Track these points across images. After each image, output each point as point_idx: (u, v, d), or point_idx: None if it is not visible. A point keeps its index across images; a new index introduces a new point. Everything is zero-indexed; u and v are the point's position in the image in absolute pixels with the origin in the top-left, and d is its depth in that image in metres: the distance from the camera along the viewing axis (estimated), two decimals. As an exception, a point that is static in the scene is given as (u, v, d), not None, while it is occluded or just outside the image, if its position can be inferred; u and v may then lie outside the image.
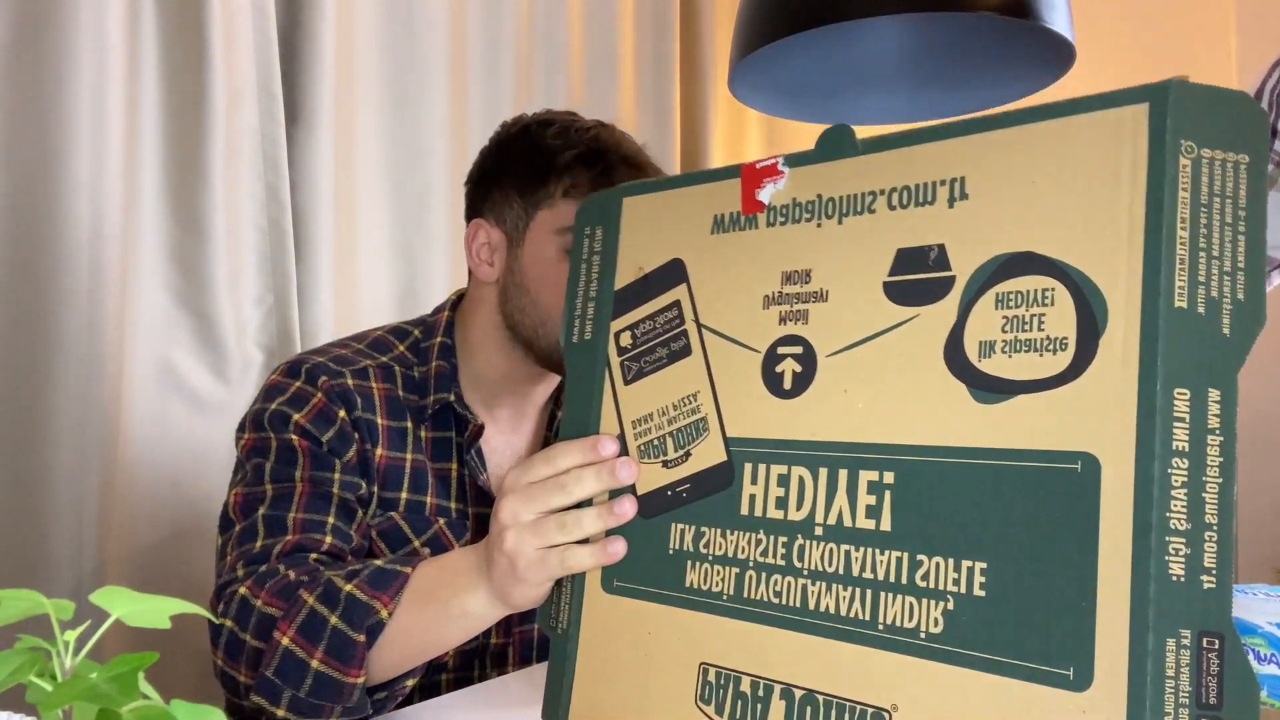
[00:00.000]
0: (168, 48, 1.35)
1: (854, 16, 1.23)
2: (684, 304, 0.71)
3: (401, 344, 1.08)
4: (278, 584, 0.84)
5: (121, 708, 0.37)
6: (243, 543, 0.91)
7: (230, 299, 1.40)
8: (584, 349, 0.76)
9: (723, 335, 0.69)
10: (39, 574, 1.19)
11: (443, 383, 1.04)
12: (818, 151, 0.65)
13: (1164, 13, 2.10)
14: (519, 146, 1.07)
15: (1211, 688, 0.45)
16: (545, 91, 1.97)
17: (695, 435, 0.69)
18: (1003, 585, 0.52)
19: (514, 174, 1.06)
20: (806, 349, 0.63)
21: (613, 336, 0.74)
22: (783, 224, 0.66)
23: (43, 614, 0.42)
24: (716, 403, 0.68)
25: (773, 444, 0.64)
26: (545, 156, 1.04)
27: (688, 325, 0.70)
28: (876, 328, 0.60)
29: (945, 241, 0.57)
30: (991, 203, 0.56)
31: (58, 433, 1.21)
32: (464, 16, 1.80)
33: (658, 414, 0.71)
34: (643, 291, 0.73)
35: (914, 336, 0.58)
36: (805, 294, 0.64)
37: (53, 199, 1.21)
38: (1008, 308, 0.54)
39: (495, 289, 1.07)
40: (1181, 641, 0.45)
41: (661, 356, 0.71)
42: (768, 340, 0.65)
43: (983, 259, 0.56)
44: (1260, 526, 1.87)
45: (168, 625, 0.43)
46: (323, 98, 1.51)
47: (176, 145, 1.36)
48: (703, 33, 2.40)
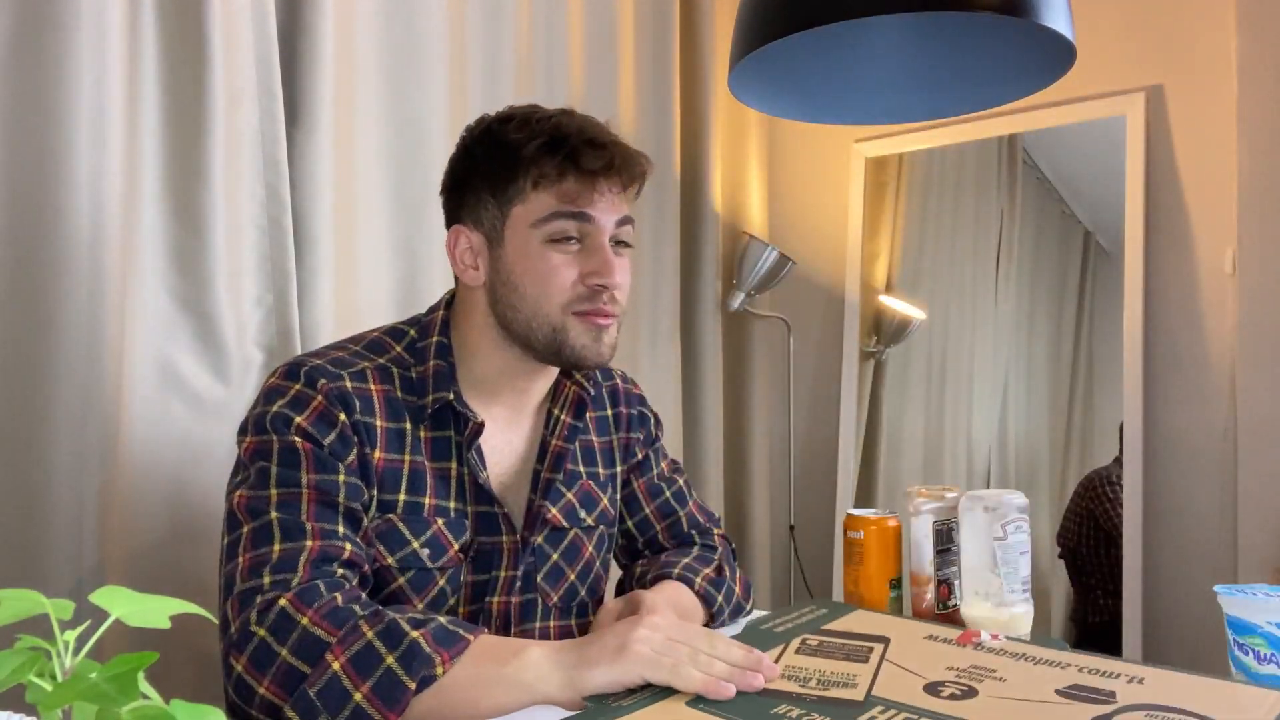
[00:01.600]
0: (168, 48, 1.35)
1: (854, 16, 1.23)
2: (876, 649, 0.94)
3: (398, 345, 1.08)
4: (327, 605, 0.85)
5: (121, 708, 0.37)
6: (256, 546, 0.91)
7: (230, 299, 1.40)
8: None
9: (899, 665, 0.90)
10: (39, 574, 1.19)
11: (441, 382, 1.04)
12: None
13: (1164, 12, 2.10)
14: (484, 147, 1.07)
15: None
16: (545, 91, 1.97)
17: (841, 684, 0.85)
18: None
19: (483, 174, 1.06)
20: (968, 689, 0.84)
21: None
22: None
23: (43, 614, 0.42)
24: (873, 681, 0.86)
25: (910, 708, 0.79)
26: (510, 152, 1.04)
27: (873, 651, 0.93)
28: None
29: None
30: None
31: (58, 432, 1.21)
32: (464, 17, 1.80)
33: (815, 670, 0.89)
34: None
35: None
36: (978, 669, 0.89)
37: (53, 199, 1.21)
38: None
39: (484, 292, 1.07)
40: None
41: (837, 653, 0.93)
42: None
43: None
44: (1260, 526, 1.87)
45: (168, 625, 0.43)
46: (323, 98, 1.51)
47: (176, 145, 1.36)
48: (703, 33, 2.40)
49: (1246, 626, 0.86)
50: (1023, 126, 2.25)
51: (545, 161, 1.03)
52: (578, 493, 1.13)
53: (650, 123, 2.23)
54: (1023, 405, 2.31)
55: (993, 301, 2.35)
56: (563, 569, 1.11)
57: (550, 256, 1.03)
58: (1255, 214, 1.91)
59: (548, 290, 1.03)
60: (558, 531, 1.11)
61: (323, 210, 1.52)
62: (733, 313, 2.45)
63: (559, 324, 1.03)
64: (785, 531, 2.54)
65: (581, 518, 1.13)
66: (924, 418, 2.46)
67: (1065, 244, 2.28)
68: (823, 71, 1.51)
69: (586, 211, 1.03)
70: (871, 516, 1.12)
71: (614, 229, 1.06)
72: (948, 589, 1.12)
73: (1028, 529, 1.04)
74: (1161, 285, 2.08)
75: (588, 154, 1.03)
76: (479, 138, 1.08)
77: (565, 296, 1.03)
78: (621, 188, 1.07)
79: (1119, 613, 2.04)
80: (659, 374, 2.25)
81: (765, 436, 2.57)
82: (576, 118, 1.08)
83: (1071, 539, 2.19)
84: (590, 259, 1.03)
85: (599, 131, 1.06)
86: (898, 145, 2.46)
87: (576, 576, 1.13)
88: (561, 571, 1.11)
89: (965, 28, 1.43)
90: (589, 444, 1.18)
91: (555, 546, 1.11)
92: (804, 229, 2.62)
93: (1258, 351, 1.88)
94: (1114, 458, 2.19)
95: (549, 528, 1.10)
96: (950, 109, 1.56)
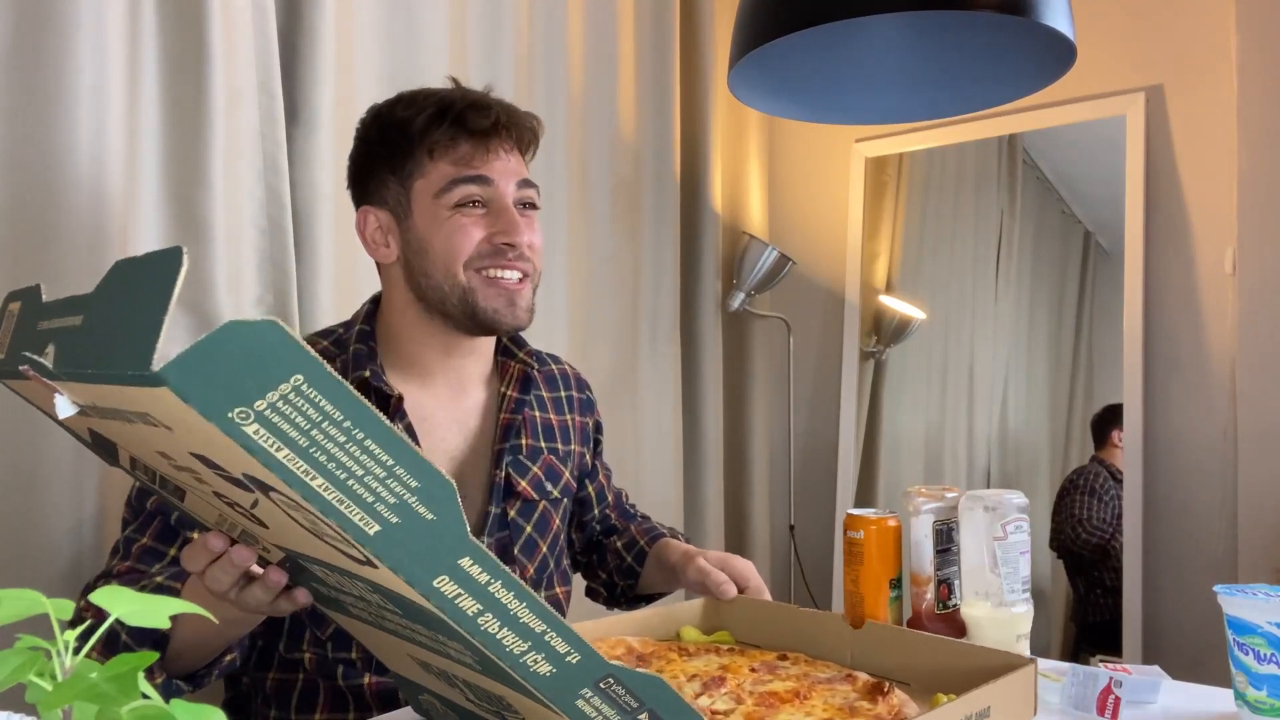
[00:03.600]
0: (168, 48, 1.35)
1: (854, 15, 1.23)
2: None
3: (325, 340, 1.13)
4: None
5: (121, 707, 0.37)
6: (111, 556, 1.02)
7: (230, 299, 1.40)
8: None
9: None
10: (39, 573, 1.19)
11: (359, 362, 1.08)
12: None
13: (1164, 12, 2.10)
14: (377, 130, 1.12)
15: (628, 703, 0.61)
16: (545, 91, 1.97)
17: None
18: None
19: (380, 157, 1.11)
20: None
21: None
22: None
23: (42, 614, 0.42)
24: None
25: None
26: (402, 129, 1.09)
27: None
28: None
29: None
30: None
31: (58, 432, 1.21)
32: (464, 17, 1.80)
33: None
34: None
35: None
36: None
37: (53, 198, 1.21)
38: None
39: (399, 268, 1.12)
40: (589, 696, 0.60)
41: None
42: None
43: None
44: (1260, 526, 1.87)
45: (167, 625, 0.43)
46: (323, 98, 1.51)
47: (176, 145, 1.35)
48: (703, 33, 2.40)
49: (1246, 626, 0.86)
50: (1023, 126, 2.25)
51: (435, 129, 1.08)
52: (542, 466, 1.19)
53: (650, 123, 2.23)
54: (1023, 405, 2.30)
55: (993, 301, 2.35)
56: (536, 541, 1.17)
57: (458, 219, 1.08)
58: (1255, 214, 1.91)
59: (455, 249, 1.07)
60: (529, 504, 1.16)
61: (323, 210, 1.52)
62: (733, 313, 2.45)
63: (467, 285, 1.08)
64: (785, 531, 2.54)
65: (549, 490, 1.19)
66: (924, 418, 2.46)
67: (1065, 244, 2.28)
68: (823, 71, 1.51)
69: (484, 174, 1.08)
70: (871, 516, 1.12)
71: (516, 192, 1.11)
72: (948, 589, 1.12)
73: (1028, 529, 1.04)
74: (1161, 285, 2.08)
75: (473, 115, 1.08)
76: (371, 123, 1.14)
77: (471, 253, 1.07)
78: (516, 148, 1.12)
79: (1119, 613, 2.04)
80: (659, 374, 2.25)
81: (765, 436, 2.57)
82: (461, 88, 1.14)
83: (1055, 540, 2.20)
84: (497, 220, 1.08)
85: (482, 96, 1.12)
86: (898, 145, 2.46)
87: (548, 548, 1.19)
88: (535, 544, 1.16)
89: (965, 27, 1.43)
90: (548, 421, 1.24)
91: (528, 519, 1.16)
92: (804, 229, 2.62)
93: (1258, 351, 1.88)
94: (1091, 455, 2.19)
95: (520, 500, 1.15)
96: (950, 109, 1.56)
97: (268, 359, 0.44)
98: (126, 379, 0.47)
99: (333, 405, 0.46)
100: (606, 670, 0.59)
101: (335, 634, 1.05)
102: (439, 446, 1.13)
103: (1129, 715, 0.91)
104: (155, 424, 0.51)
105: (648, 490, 2.18)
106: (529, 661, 0.57)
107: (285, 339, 0.44)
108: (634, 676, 0.60)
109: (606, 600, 1.36)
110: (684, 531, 2.24)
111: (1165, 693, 0.96)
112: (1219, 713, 0.93)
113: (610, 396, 2.07)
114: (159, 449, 0.58)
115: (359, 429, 0.46)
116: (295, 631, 1.06)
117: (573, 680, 0.59)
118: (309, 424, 0.45)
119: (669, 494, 2.25)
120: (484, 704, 0.73)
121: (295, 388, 0.44)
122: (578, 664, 0.58)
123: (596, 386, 1.42)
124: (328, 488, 0.47)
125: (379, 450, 0.47)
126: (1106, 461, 2.16)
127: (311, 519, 0.51)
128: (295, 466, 0.46)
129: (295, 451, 0.46)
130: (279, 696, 1.07)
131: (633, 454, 2.17)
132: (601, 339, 2.11)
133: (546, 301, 1.96)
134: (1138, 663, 1.28)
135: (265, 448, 0.45)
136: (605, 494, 1.36)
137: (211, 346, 0.43)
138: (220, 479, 0.55)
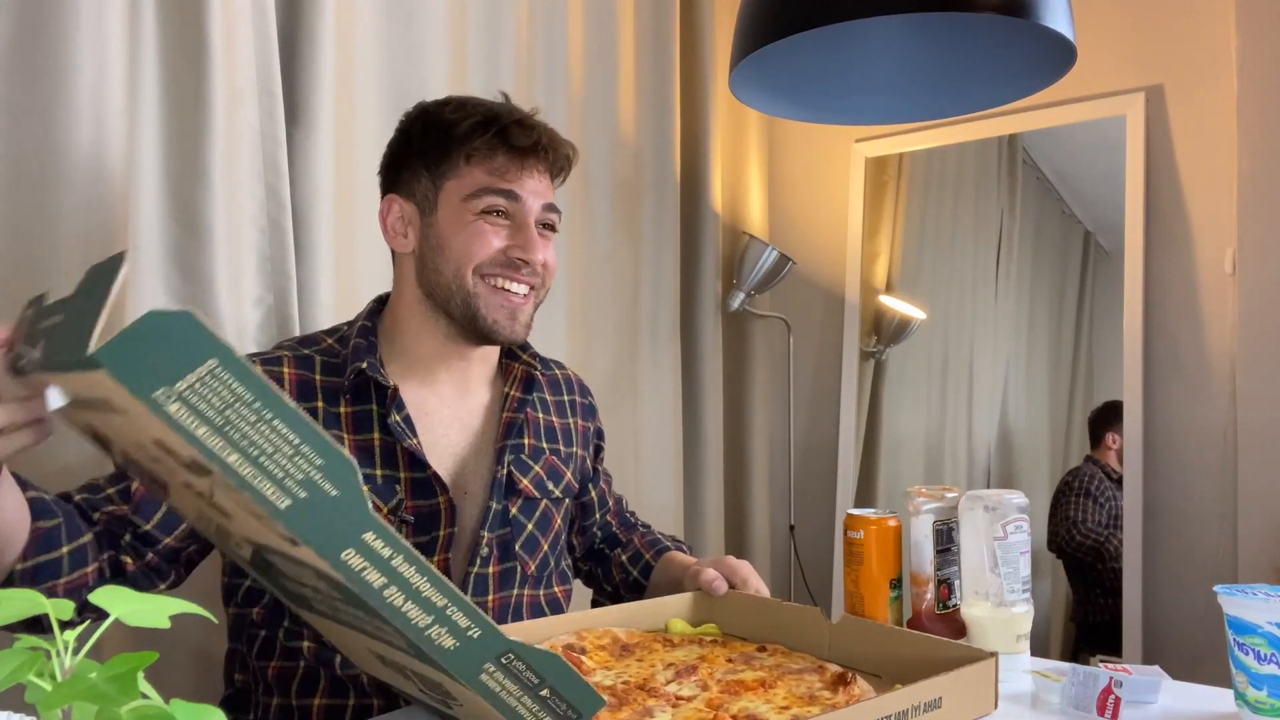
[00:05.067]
0: (168, 48, 1.35)
1: (854, 16, 1.23)
2: None
3: (330, 338, 1.16)
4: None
5: (121, 708, 0.37)
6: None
7: (230, 299, 1.40)
8: None
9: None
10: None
11: (358, 355, 1.10)
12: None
13: (1164, 12, 2.10)
14: (420, 127, 1.16)
15: (529, 678, 0.63)
16: (545, 91, 1.97)
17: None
18: None
19: (418, 151, 1.14)
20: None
21: None
22: None
23: (42, 614, 0.42)
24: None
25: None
26: (445, 130, 1.13)
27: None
28: None
29: None
30: None
31: (58, 433, 1.21)
32: (464, 16, 1.80)
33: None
34: None
35: None
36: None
37: (53, 198, 1.21)
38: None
39: (413, 260, 1.15)
40: (492, 670, 0.63)
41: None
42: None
43: None
44: (1260, 526, 1.87)
45: (167, 625, 0.43)
46: (323, 98, 1.51)
47: (176, 145, 1.35)
48: (703, 33, 2.40)
49: (1246, 626, 0.86)
50: (1023, 126, 2.25)
51: (477, 137, 1.11)
52: (544, 466, 1.21)
53: (650, 123, 2.23)
54: (1023, 405, 2.30)
55: (993, 301, 2.35)
56: (538, 539, 1.18)
57: (481, 224, 1.11)
58: (1255, 214, 1.91)
59: (471, 251, 1.10)
60: (530, 502, 1.18)
61: (323, 210, 1.52)
62: (733, 313, 2.45)
63: (472, 290, 1.11)
64: (785, 532, 2.54)
65: (550, 489, 1.21)
66: (924, 418, 2.46)
67: (1065, 244, 2.28)
68: (823, 72, 1.51)
69: (514, 190, 1.11)
70: (871, 516, 1.12)
71: (540, 212, 1.14)
72: (948, 589, 1.12)
73: (1028, 529, 1.04)
74: (1161, 285, 2.08)
75: (517, 132, 1.12)
76: (416, 119, 1.17)
77: (485, 259, 1.10)
78: (548, 171, 1.16)
79: (1119, 612, 2.04)
80: (659, 374, 2.25)
81: (765, 436, 2.57)
82: (510, 105, 1.17)
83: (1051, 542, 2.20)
84: (517, 234, 1.12)
85: (527, 116, 1.15)
86: (898, 145, 2.46)
87: (549, 547, 1.20)
88: (537, 541, 1.18)
89: (965, 28, 1.43)
90: (550, 423, 1.26)
91: (529, 517, 1.18)
92: (804, 229, 2.62)
93: (1258, 351, 1.88)
94: (1085, 456, 2.19)
95: (522, 498, 1.17)
96: (950, 109, 1.56)
97: (184, 344, 0.50)
98: (75, 365, 0.53)
99: (244, 387, 0.51)
100: (507, 646, 0.62)
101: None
102: (441, 443, 1.14)
103: (1129, 715, 0.91)
104: (117, 410, 0.55)
105: (647, 490, 2.18)
106: (433, 635, 0.60)
107: (198, 327, 0.50)
108: (533, 653, 0.63)
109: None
110: (684, 536, 2.24)
111: (1165, 693, 0.96)
112: (1219, 713, 0.93)
113: (610, 396, 2.07)
114: (134, 438, 0.61)
115: (268, 409, 0.52)
116: (296, 620, 1.07)
117: (475, 655, 0.61)
118: (223, 404, 0.51)
119: (669, 494, 2.25)
120: (432, 694, 0.75)
121: (210, 371, 0.50)
122: (479, 639, 0.61)
123: (596, 386, 1.43)
124: (242, 463, 0.52)
125: (286, 430, 0.52)
126: (1101, 462, 2.16)
127: (243, 500, 0.55)
128: (212, 443, 0.51)
129: (211, 429, 0.51)
130: (280, 684, 1.09)
131: (633, 454, 2.17)
132: (601, 339, 2.11)
133: (547, 301, 1.95)
134: (1138, 663, 1.28)
135: (186, 426, 0.50)
136: (606, 500, 1.37)
137: (134, 333, 0.49)
138: (179, 467, 0.58)
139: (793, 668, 0.94)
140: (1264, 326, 1.88)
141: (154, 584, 1.04)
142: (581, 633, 1.03)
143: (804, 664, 0.96)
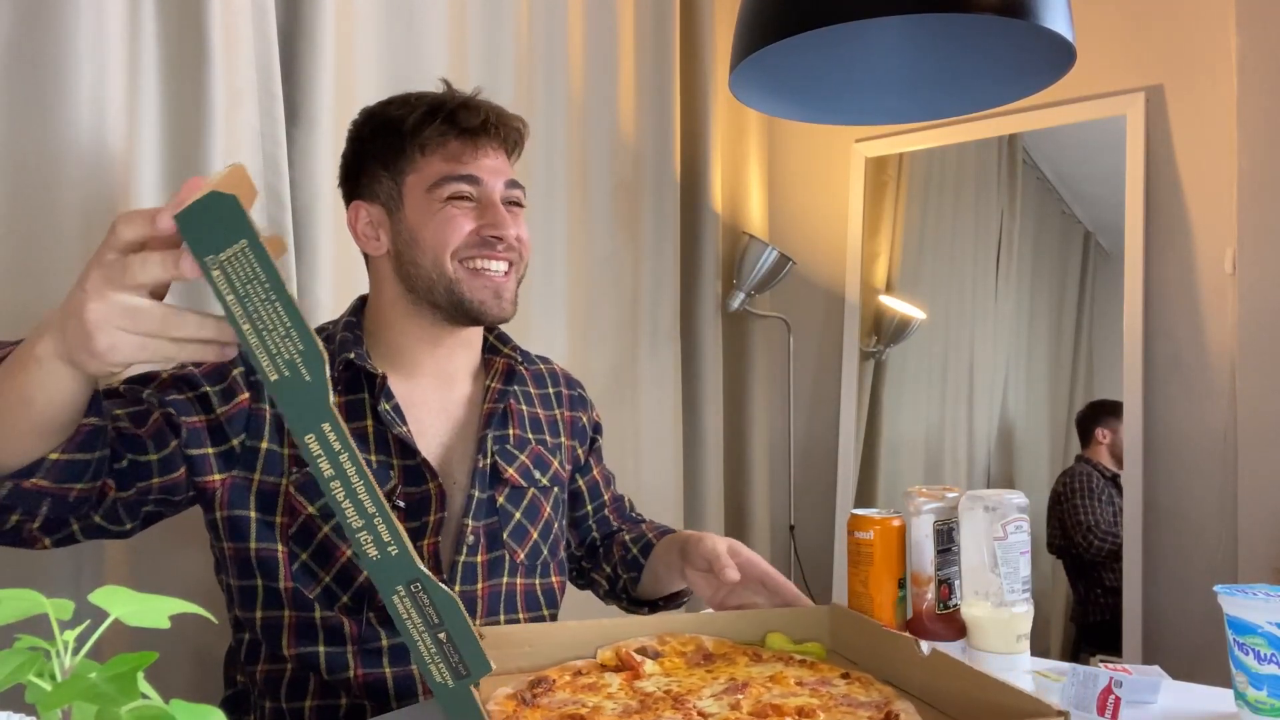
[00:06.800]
0: (168, 48, 1.35)
1: (854, 17, 1.23)
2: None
3: (318, 335, 1.15)
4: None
5: (121, 708, 0.37)
6: None
7: (230, 299, 1.40)
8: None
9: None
10: (38, 574, 1.19)
11: (345, 346, 1.12)
12: None
13: (1164, 12, 2.10)
14: (369, 129, 1.18)
15: (431, 615, 0.65)
16: (545, 91, 1.97)
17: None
18: None
19: (373, 154, 1.16)
20: None
21: None
22: None
23: (42, 614, 0.42)
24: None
25: None
26: (394, 126, 1.15)
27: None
28: None
29: None
30: None
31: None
32: (464, 17, 1.80)
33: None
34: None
35: None
36: None
37: (53, 198, 1.21)
38: None
39: (389, 260, 1.16)
40: (402, 595, 0.65)
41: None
42: None
43: None
44: (1260, 526, 1.87)
45: (167, 625, 0.43)
46: (323, 98, 1.51)
47: (176, 145, 1.35)
48: (703, 33, 2.40)
49: (1246, 626, 0.86)
50: (1023, 126, 2.25)
51: (427, 126, 1.13)
52: (530, 455, 1.22)
53: (650, 123, 2.23)
54: (1023, 405, 2.31)
55: (993, 301, 2.35)
56: (526, 527, 1.19)
57: (449, 210, 1.13)
58: (1255, 214, 1.91)
59: (444, 239, 1.12)
60: (517, 490, 1.19)
61: (322, 210, 1.52)
62: (733, 313, 2.45)
63: (453, 276, 1.12)
64: (785, 532, 2.54)
65: (536, 478, 1.22)
66: (924, 418, 2.46)
67: (1065, 244, 2.28)
68: (823, 72, 1.51)
69: (473, 174, 1.14)
70: (878, 517, 1.12)
71: (504, 190, 1.16)
72: (948, 589, 1.12)
73: (1028, 529, 1.04)
74: (1161, 285, 2.08)
75: (464, 114, 1.14)
76: (363, 122, 1.19)
77: (459, 244, 1.12)
78: (502, 148, 1.18)
79: (1119, 613, 2.04)
80: (659, 374, 2.25)
81: (765, 436, 2.57)
82: (452, 90, 1.19)
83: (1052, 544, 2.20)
84: (484, 214, 1.13)
85: (473, 98, 1.17)
86: (898, 145, 2.46)
87: (539, 535, 1.20)
88: (525, 530, 1.19)
89: (965, 28, 1.43)
90: (535, 415, 1.27)
91: (517, 505, 1.19)
92: (804, 229, 2.62)
93: (1258, 351, 1.88)
94: (1076, 455, 2.18)
95: (508, 487, 1.18)
96: (950, 109, 1.56)
97: (231, 222, 0.61)
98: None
99: (260, 268, 0.62)
100: (416, 574, 0.65)
101: (322, 631, 1.07)
102: (428, 432, 1.15)
103: (1129, 715, 0.91)
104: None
105: (648, 490, 2.18)
106: (362, 539, 0.65)
107: (242, 212, 0.61)
108: (436, 588, 0.65)
109: (606, 594, 1.36)
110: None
111: (1165, 693, 0.96)
112: (1219, 713, 0.93)
113: (610, 396, 2.07)
114: None
115: (273, 293, 0.62)
116: (277, 624, 1.08)
117: (390, 571, 0.65)
118: (245, 279, 0.62)
119: (669, 494, 2.25)
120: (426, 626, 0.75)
121: (241, 249, 0.61)
122: (396, 557, 0.65)
123: (597, 386, 1.42)
124: (251, 334, 0.62)
125: (283, 313, 0.62)
126: (1094, 461, 2.16)
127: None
128: (235, 311, 0.62)
129: (236, 298, 0.62)
130: (269, 688, 1.09)
131: (633, 454, 2.17)
132: (601, 339, 2.11)
133: (547, 301, 1.96)
134: (1138, 663, 1.28)
135: (221, 291, 0.62)
136: (600, 492, 1.36)
137: (202, 205, 0.61)
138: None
139: (860, 699, 0.86)
140: (1264, 326, 1.88)
141: (120, 525, 0.99)
142: (665, 636, 0.98)
143: (876, 697, 0.87)
